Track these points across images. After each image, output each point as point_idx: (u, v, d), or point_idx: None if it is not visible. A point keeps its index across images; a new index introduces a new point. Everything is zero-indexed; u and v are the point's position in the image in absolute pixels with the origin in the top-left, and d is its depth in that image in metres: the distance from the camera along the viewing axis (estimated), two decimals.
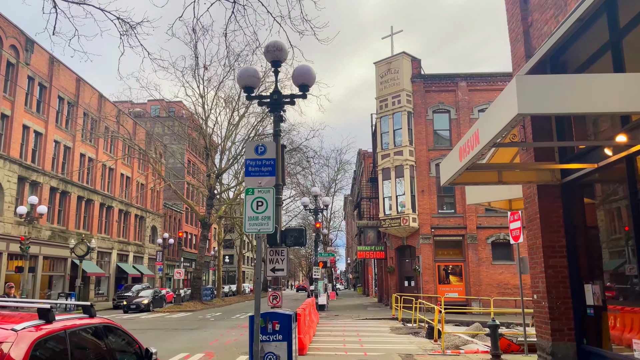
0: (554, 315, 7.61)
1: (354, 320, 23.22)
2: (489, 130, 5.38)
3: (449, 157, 7.57)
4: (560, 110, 4.70)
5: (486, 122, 5.58)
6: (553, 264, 7.74)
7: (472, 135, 6.06)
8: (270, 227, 6.36)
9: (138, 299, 31.49)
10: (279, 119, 11.15)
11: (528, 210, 8.34)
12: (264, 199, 6.44)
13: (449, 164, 7.38)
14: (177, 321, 23.67)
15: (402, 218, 29.85)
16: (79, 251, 34.18)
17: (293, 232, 10.59)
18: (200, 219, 36.76)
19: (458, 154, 6.75)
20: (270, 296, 10.33)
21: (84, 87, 42.61)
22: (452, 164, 7.18)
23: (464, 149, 6.46)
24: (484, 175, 7.94)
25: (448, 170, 7.48)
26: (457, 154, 6.83)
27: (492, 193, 9.97)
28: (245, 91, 11.04)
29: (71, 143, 40.49)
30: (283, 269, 10.42)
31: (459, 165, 6.75)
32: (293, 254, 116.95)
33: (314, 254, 29.38)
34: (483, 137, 5.62)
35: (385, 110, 31.70)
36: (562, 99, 4.64)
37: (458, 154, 6.75)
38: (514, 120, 4.74)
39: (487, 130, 5.48)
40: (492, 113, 5.44)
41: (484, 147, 5.62)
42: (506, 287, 29.22)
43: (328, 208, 61.82)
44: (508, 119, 4.77)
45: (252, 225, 6.37)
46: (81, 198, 41.88)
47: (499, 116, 5.09)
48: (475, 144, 5.92)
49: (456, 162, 6.89)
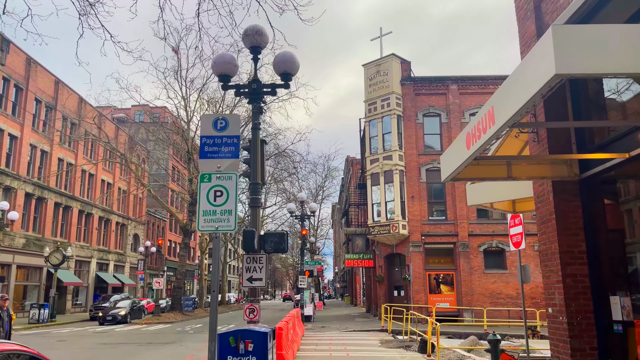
0: (574, 332, 6.53)
1: (342, 333, 22.02)
2: (510, 105, 4.30)
3: (452, 148, 6.49)
4: (619, 70, 3.57)
5: (505, 96, 4.50)
6: (572, 272, 6.66)
7: (485, 115, 4.98)
8: (231, 223, 5.05)
9: (115, 310, 29.98)
10: (258, 110, 10.02)
11: (540, 210, 7.27)
12: (224, 187, 5.04)
13: (452, 156, 6.30)
14: (153, 334, 22.28)
15: (391, 225, 28.77)
16: (53, 260, 32.69)
17: (273, 236, 9.44)
18: (182, 226, 35.41)
19: (465, 141, 5.67)
20: (246, 309, 9.15)
21: (62, 89, 41.17)
22: (456, 154, 6.10)
23: (473, 133, 5.37)
24: (490, 169, 6.86)
25: (451, 162, 6.39)
26: (463, 141, 5.74)
27: (495, 193, 8.91)
28: (221, 80, 9.92)
29: (48, 147, 38.98)
30: (261, 278, 9.28)
31: (465, 154, 5.67)
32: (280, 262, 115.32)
33: (300, 263, 28.15)
34: (500, 114, 4.54)
35: (374, 114, 30.71)
36: (621, 54, 3.55)
37: (465, 141, 5.67)
38: (547, 86, 3.66)
39: (506, 105, 4.40)
40: (513, 82, 4.36)
41: (501, 127, 4.54)
42: (499, 297, 28.21)
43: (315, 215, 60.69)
44: (539, 85, 3.69)
45: (207, 222, 5.03)
46: (59, 204, 40.30)
47: (525, 84, 4.01)
48: (489, 125, 4.83)
49: (462, 152, 5.80)
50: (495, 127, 4.61)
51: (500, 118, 4.49)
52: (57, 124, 39.38)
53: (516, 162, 6.91)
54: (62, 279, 37.79)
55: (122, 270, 52.94)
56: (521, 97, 4.04)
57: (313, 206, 30.18)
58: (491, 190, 8.86)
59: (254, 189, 9.68)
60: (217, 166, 5.20)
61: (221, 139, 5.36)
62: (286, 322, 13.73)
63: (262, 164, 9.85)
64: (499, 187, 8.82)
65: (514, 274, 28.40)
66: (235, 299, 70.87)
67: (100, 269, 47.85)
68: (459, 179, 6.80)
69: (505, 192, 8.75)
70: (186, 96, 34.78)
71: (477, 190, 9.04)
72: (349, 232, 36.86)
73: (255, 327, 7.34)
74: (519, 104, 4.08)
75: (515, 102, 4.18)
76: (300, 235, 28.94)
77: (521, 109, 4.08)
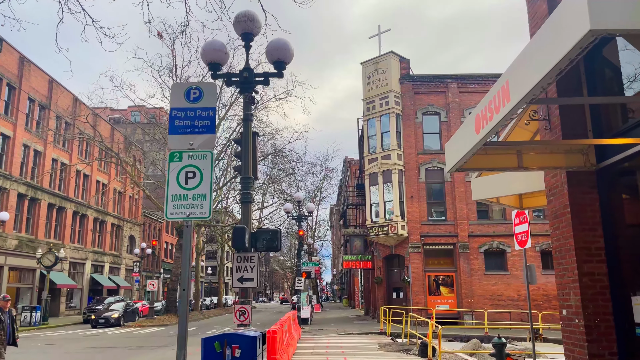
0: (592, 336, 5.97)
1: (339, 336, 21.43)
2: (530, 75, 3.74)
3: (459, 134, 5.94)
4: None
5: (523, 66, 3.95)
6: (589, 270, 6.10)
7: (498, 92, 4.43)
8: (205, 210, 4.34)
9: (108, 312, 29.33)
10: (250, 101, 9.47)
11: (553, 204, 6.72)
12: (198, 168, 4.36)
13: (459, 142, 5.75)
14: (145, 337, 21.65)
15: (390, 225, 28.21)
16: (46, 262, 32.03)
17: (265, 234, 8.89)
18: (177, 227, 34.77)
19: (474, 124, 5.11)
20: (237, 312, 8.58)
21: (57, 89, 40.56)
22: (463, 140, 5.55)
23: (484, 115, 4.82)
24: (499, 159, 6.31)
25: (457, 150, 5.84)
26: (471, 125, 5.19)
27: (501, 186, 8.35)
28: (211, 68, 9.37)
29: (42, 147, 38.37)
30: (253, 278, 8.71)
31: (474, 139, 5.11)
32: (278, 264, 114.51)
33: (297, 264, 27.56)
34: (517, 89, 3.99)
35: (373, 112, 30.17)
36: None
37: (474, 124, 5.11)
38: (578, 47, 3.10)
39: (525, 77, 3.84)
40: (535, 49, 3.80)
41: (518, 102, 3.99)
42: (500, 299, 27.64)
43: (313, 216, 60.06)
44: (568, 46, 3.13)
45: (177, 209, 4.33)
46: (52, 205, 39.65)
47: (550, 48, 3.45)
48: (504, 103, 4.28)
49: (470, 137, 5.25)
50: (511, 103, 4.05)
51: (518, 92, 3.94)
52: (50, 123, 38.76)
53: (527, 151, 6.35)
54: (56, 281, 37.14)
55: (118, 272, 52.27)
56: (544, 65, 3.48)
57: (310, 206, 29.57)
58: (497, 183, 8.31)
59: (246, 184, 9.12)
60: (189, 143, 4.53)
61: (194, 111, 4.58)
62: (281, 324, 13.15)
63: (254, 157, 9.29)
64: (506, 180, 8.28)
65: (515, 275, 27.88)
66: (233, 301, 70.20)
67: (95, 271, 47.18)
68: (465, 169, 6.25)
69: (513, 186, 8.20)
70: None
71: (482, 184, 8.49)
72: (346, 232, 36.29)
73: (243, 331, 6.76)
74: (541, 72, 3.53)
75: (536, 71, 3.63)
76: (298, 237, 28.34)
77: (544, 79, 3.52)
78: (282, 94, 35.03)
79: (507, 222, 28.42)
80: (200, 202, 4.33)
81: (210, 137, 4.57)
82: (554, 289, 27.47)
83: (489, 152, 6.24)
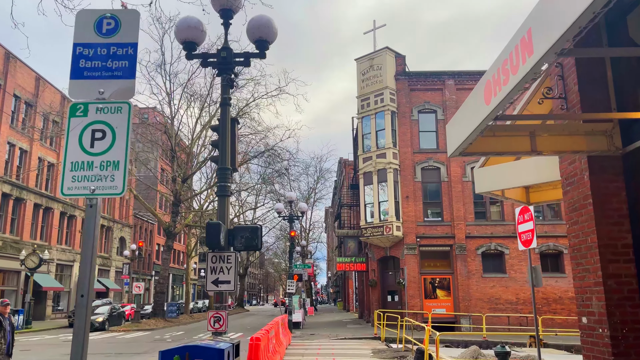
0: (619, 349, 5.08)
1: (331, 341, 20.50)
2: (564, 12, 2.84)
3: (462, 111, 5.05)
4: None
5: (549, 7, 3.05)
6: (615, 271, 5.22)
7: (516, 46, 3.54)
8: (118, 184, 3.23)
9: (92, 316, 28.20)
10: (228, 83, 8.57)
11: (571, 194, 5.83)
12: (109, 125, 3.25)
13: (463, 119, 4.86)
14: (126, 343, 20.64)
15: (385, 226, 27.30)
16: (29, 263, 30.98)
17: (244, 231, 7.97)
18: (165, 227, 33.76)
19: (482, 93, 4.22)
20: (211, 318, 7.65)
21: (44, 86, 39.51)
22: (469, 116, 4.65)
23: (496, 79, 3.93)
24: (509, 141, 5.42)
25: (462, 129, 4.94)
26: (480, 95, 4.29)
27: (507, 178, 7.47)
28: (186, 48, 8.49)
29: (28, 146, 37.32)
30: (229, 281, 7.80)
31: (483, 112, 4.22)
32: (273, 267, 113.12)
33: (289, 266, 26.61)
34: (544, 35, 3.09)
35: (367, 110, 29.28)
36: None
37: (482, 93, 4.22)
38: None
39: (556, 17, 2.94)
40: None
41: (545, 54, 3.09)
42: (498, 303, 26.75)
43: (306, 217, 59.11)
44: None
45: (79, 181, 3.25)
46: (38, 205, 38.58)
47: None
48: (524, 59, 3.39)
49: (478, 109, 4.35)
50: (536, 56, 3.16)
51: (546, 39, 3.04)
52: (37, 121, 37.70)
53: (541, 132, 5.46)
54: (41, 284, 36.09)
55: (107, 274, 51.18)
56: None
57: (302, 206, 28.60)
58: (503, 174, 7.42)
59: (223, 175, 8.20)
60: (98, 91, 3.37)
61: (108, 48, 3.43)
62: (266, 330, 12.22)
63: (232, 146, 8.38)
64: (512, 170, 7.40)
65: (514, 278, 27.02)
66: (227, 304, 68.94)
67: None
68: (470, 153, 5.35)
69: (520, 177, 7.32)
70: (170, 91, 33.24)
71: (486, 176, 7.60)
72: (340, 234, 35.39)
73: (208, 343, 5.82)
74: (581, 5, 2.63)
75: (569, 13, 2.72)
76: (289, 238, 27.40)
77: (585, 13, 2.62)
78: (275, 91, 33.84)
79: (505, 223, 27.59)
80: (111, 173, 3.19)
81: (128, 84, 3.44)
82: (554, 292, 26.65)
83: (497, 133, 5.36)
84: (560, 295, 26.56)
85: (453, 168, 27.98)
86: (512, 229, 27.44)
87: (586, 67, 5.60)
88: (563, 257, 27.08)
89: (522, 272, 26.93)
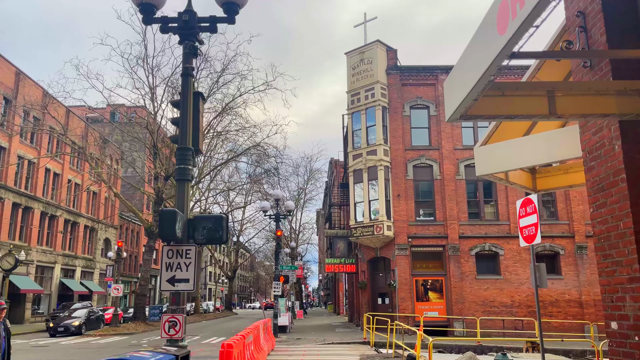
0: None
1: (318, 346, 19.36)
2: None
3: (466, 54, 3.98)
4: None
5: None
6: None
7: None
8: None
9: (69, 320, 26.88)
10: (191, 51, 7.44)
11: (597, 171, 4.76)
12: None
13: (468, 63, 3.79)
14: (99, 348, 19.34)
15: (375, 226, 26.22)
16: (5, 264, 29.60)
17: (206, 221, 6.85)
18: (146, 227, 32.50)
19: (495, 19, 3.14)
20: (165, 323, 6.51)
21: (24, 82, 38.17)
22: (476, 55, 3.57)
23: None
24: (523, 102, 4.35)
25: (466, 78, 3.86)
26: (491, 23, 3.21)
27: (512, 157, 6.41)
28: (143, 11, 7.37)
29: (7, 143, 35.93)
30: (188, 279, 6.68)
31: (497, 45, 3.14)
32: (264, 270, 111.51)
33: (275, 267, 25.47)
34: None
35: (358, 105, 28.23)
36: None
37: (495, 19, 3.14)
38: None
39: None
40: None
41: None
42: (492, 305, 25.76)
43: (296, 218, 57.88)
44: None
45: None
46: (17, 205, 37.17)
47: None
48: None
49: (489, 44, 3.27)
50: None
51: None
52: (16, 118, 36.32)
53: (562, 91, 4.38)
54: (19, 286, 34.68)
55: (91, 276, 49.73)
56: None
57: (289, 205, 27.46)
58: (507, 153, 6.36)
59: (183, 157, 7.09)
60: None
61: None
62: (242, 336, 11.08)
63: (195, 123, 7.25)
64: (517, 149, 6.35)
65: (508, 280, 26.06)
66: (214, 307, 67.63)
67: (66, 276, 44.61)
68: (473, 116, 4.27)
69: (528, 156, 6.26)
70: (153, 86, 32.03)
71: (488, 156, 6.53)
72: (329, 234, 34.29)
73: (142, 355, 4.72)
74: None
75: None
76: (275, 237, 26.26)
77: None
78: (262, 86, 32.69)
79: (500, 222, 26.65)
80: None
81: None
82: (550, 294, 25.63)
83: (507, 92, 4.29)
84: (557, 297, 25.62)
85: (446, 166, 26.99)
86: (506, 229, 26.49)
87: (616, 12, 4.54)
88: (559, 258, 26.15)
89: (517, 273, 25.98)
